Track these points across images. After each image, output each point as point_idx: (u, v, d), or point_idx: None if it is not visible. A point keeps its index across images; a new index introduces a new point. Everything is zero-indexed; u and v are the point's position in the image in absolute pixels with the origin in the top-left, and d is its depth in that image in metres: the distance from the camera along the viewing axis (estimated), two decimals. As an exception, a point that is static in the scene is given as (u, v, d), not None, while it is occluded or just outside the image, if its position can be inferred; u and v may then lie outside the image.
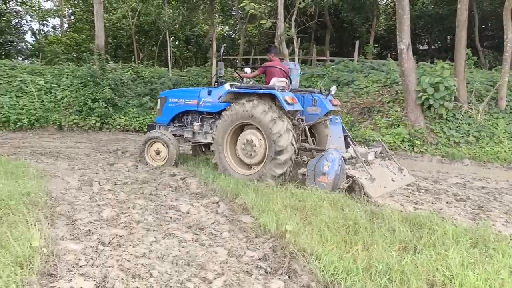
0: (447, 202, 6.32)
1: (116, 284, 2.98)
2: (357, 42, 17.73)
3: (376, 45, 20.97)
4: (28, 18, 33.99)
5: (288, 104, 6.53)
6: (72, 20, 33.93)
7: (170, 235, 4.14)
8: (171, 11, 21.35)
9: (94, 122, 13.96)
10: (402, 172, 6.68)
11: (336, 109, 7.51)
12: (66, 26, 34.49)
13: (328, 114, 7.25)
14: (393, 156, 7.07)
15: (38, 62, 19.14)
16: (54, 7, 34.35)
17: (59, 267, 3.28)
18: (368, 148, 7.01)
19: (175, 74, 17.61)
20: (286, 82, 7.43)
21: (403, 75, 11.45)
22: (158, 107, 8.81)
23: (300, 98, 7.35)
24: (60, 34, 32.26)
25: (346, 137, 7.00)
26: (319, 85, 8.45)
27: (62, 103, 14.53)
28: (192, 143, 8.60)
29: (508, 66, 11.76)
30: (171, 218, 4.73)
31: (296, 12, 13.51)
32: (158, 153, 8.02)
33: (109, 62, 15.81)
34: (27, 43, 33.01)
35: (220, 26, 31.53)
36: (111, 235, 4.05)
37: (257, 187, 5.73)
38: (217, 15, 18.56)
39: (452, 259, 3.35)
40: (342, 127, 6.76)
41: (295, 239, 3.76)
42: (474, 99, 11.97)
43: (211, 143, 7.50)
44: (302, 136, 7.13)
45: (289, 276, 3.31)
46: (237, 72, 8.16)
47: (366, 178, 5.81)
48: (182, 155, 8.62)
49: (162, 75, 16.85)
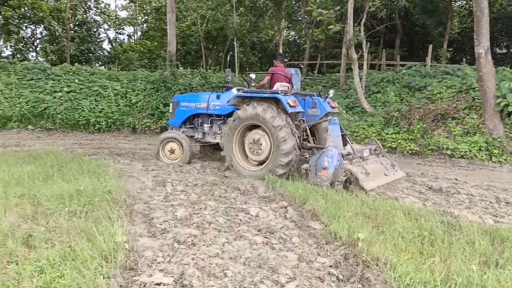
0: (530, 216, 5.89)
1: (193, 281, 3.09)
2: (430, 46, 17.03)
3: (450, 49, 20.02)
4: (105, 27, 36.25)
5: (291, 106, 7.24)
6: (144, 28, 35.66)
7: (241, 237, 4.22)
8: (239, 18, 21.80)
9: (165, 125, 14.54)
10: (394, 168, 7.53)
11: (334, 110, 8.28)
12: (139, 34, 36.37)
13: (327, 115, 8.05)
14: (386, 153, 7.94)
15: (115, 68, 20.31)
16: (128, 16, 36.30)
17: (139, 262, 3.46)
18: (364, 146, 7.91)
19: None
20: (288, 87, 8.33)
21: (481, 80, 10.84)
22: (170, 110, 9.51)
23: (301, 101, 8.11)
24: (134, 42, 34.03)
25: (343, 136, 7.62)
26: (317, 89, 9.24)
27: (136, 107, 15.32)
28: (201, 143, 9.31)
29: None
30: (241, 220, 4.82)
31: (365, 16, 13.25)
32: (172, 151, 8.82)
33: (179, 68, 16.44)
34: (104, 51, 35.19)
35: (285, 31, 31.71)
36: (185, 234, 4.20)
37: (326, 193, 5.69)
38: (283, 21, 18.64)
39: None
40: (340, 126, 7.43)
41: (367, 248, 3.69)
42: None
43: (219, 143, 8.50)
44: (303, 136, 7.98)
45: (362, 285, 3.26)
46: (254, 81, 8.67)
47: (361, 173, 6.53)
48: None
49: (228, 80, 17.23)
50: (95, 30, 35.23)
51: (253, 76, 8.48)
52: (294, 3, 19.59)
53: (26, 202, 4.88)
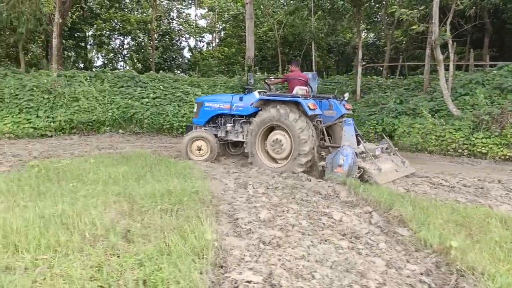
0: None
1: (281, 281, 3.15)
2: (523, 44, 15.76)
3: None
4: (186, 36, 37.94)
5: (310, 109, 7.93)
6: (222, 35, 36.79)
7: (326, 240, 4.21)
8: (317, 22, 21.74)
9: (244, 129, 14.88)
10: (404, 164, 8.22)
11: (349, 112, 8.99)
12: (217, 41, 37.59)
13: (342, 116, 8.74)
14: (397, 151, 8.58)
15: (195, 74, 21.14)
16: (207, 25, 37.66)
17: (228, 260, 3.59)
18: (376, 145, 8.67)
19: (320, 83, 17.81)
20: (307, 90, 9.00)
21: None
22: (195, 110, 10.14)
23: (318, 103, 8.59)
24: (212, 49, 35.23)
25: (357, 135, 8.28)
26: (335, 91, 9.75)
27: (216, 111, 15.83)
28: (223, 141, 9.83)
29: None
30: (324, 224, 4.81)
31: (452, 14, 12.58)
32: (200, 149, 9.40)
33: (257, 73, 16.72)
34: (185, 58, 36.83)
35: (364, 33, 31.07)
36: (270, 236, 4.28)
37: (413, 199, 5.50)
38: (362, 22, 18.28)
39: None
40: (354, 127, 8.10)
41: (462, 256, 3.51)
42: None
43: (241, 141, 9.47)
44: (320, 135, 8.59)
45: (457, 295, 3.12)
46: (265, 80, 9.87)
47: (374, 169, 7.26)
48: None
49: (306, 84, 17.21)
50: (177, 39, 37.03)
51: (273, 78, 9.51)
52: (374, 4, 19.12)
53: (123, 200, 5.26)
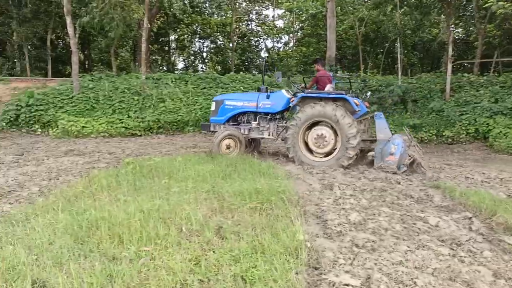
0: None
1: (381, 286, 3.04)
2: None
3: None
4: (264, 37, 38.34)
5: (356, 106, 8.59)
6: (299, 35, 36.65)
7: (424, 246, 4.00)
8: (402, 17, 20.87)
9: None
10: (422, 154, 8.88)
11: (370, 109, 9.80)
12: (293, 41, 37.54)
13: (366, 114, 9.42)
14: (416, 143, 9.08)
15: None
16: (285, 25, 37.70)
17: (322, 262, 3.53)
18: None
19: (405, 81, 17.10)
20: (333, 87, 9.52)
21: None
22: (213, 109, 10.25)
23: None
24: (289, 49, 35.23)
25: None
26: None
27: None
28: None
29: None
30: (419, 229, 4.57)
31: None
32: (228, 147, 9.49)
33: (337, 72, 16.42)
34: (262, 59, 37.22)
35: (451, 28, 29.24)
36: (363, 239, 4.16)
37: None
38: (452, 17, 17.16)
39: None
40: (385, 120, 8.65)
41: None
42: None
43: (254, 139, 10.21)
44: None
45: None
46: (299, 84, 10.18)
47: (419, 157, 8.10)
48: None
49: (390, 83, 16.59)
50: (255, 40, 37.57)
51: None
52: (465, -4, 17.96)
53: (212, 197, 5.41)
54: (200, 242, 3.86)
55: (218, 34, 35.70)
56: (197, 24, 33.79)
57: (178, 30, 35.18)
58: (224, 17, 35.66)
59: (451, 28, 16.45)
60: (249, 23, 37.92)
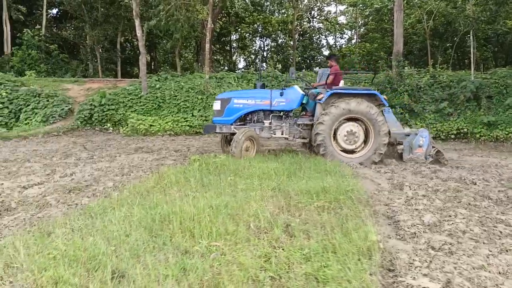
0: None
1: (463, 292, 2.86)
2: None
3: None
4: (326, 33, 37.87)
5: (387, 102, 8.93)
6: (362, 31, 35.80)
7: (507, 251, 3.72)
8: (474, 8, 19.72)
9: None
10: None
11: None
12: (355, 37, 36.73)
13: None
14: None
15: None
16: (348, 21, 36.99)
17: (397, 264, 3.39)
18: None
19: (478, 77, 16.12)
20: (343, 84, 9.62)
21: None
22: (217, 108, 9.31)
23: None
24: (352, 45, 34.51)
25: None
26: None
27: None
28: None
29: None
30: (501, 232, 4.26)
31: None
32: (247, 149, 8.83)
33: (405, 68, 15.82)
34: (324, 56, 36.77)
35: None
36: (439, 241, 3.95)
37: None
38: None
39: None
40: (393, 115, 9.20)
41: None
42: None
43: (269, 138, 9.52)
44: None
45: None
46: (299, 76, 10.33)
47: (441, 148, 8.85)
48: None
49: (462, 78, 15.71)
50: (317, 37, 37.20)
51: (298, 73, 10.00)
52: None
53: (279, 195, 5.39)
54: (268, 239, 3.85)
55: (279, 32, 35.74)
56: (258, 23, 34.04)
57: (239, 30, 35.65)
58: (285, 15, 35.65)
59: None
60: (310, 20, 37.62)
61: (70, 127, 16.05)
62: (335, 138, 8.85)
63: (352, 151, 8.88)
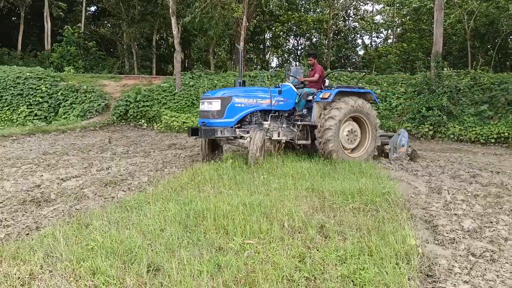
0: None
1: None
2: None
3: None
4: (361, 33, 37.31)
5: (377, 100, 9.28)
6: (398, 31, 35.05)
7: (555, 261, 3.54)
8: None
9: (427, 130, 13.85)
10: None
11: None
12: (392, 37, 35.99)
13: None
14: None
15: (371, 72, 20.50)
16: (385, 20, 36.30)
17: (436, 270, 3.28)
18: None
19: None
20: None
21: None
22: (216, 108, 7.78)
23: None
24: (389, 45, 33.82)
25: None
26: None
27: (396, 110, 15.11)
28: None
29: None
30: (547, 241, 4.07)
31: None
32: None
33: (444, 69, 15.38)
34: (359, 56, 36.25)
35: None
36: (480, 248, 3.80)
37: None
38: None
39: None
40: None
41: None
42: None
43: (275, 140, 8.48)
44: None
45: None
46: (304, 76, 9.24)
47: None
48: None
49: (504, 81, 15.12)
50: (352, 36, 36.70)
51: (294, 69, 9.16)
52: None
53: (313, 195, 5.33)
54: (303, 239, 3.80)
55: (313, 31, 35.46)
56: (293, 22, 33.88)
57: (273, 28, 35.58)
58: (320, 13, 35.32)
59: None
60: (346, 19, 37.15)
61: (106, 122, 16.44)
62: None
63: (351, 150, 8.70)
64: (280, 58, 41.19)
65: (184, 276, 2.95)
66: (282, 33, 36.84)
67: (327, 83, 9.39)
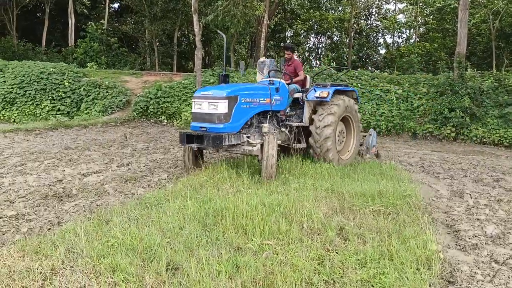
0: None
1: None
2: None
3: None
4: (383, 32, 36.82)
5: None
6: (421, 31, 34.48)
7: None
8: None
9: (449, 131, 13.59)
10: None
11: None
12: (414, 37, 35.43)
13: None
14: None
15: (393, 72, 20.20)
16: (407, 19, 35.76)
17: (458, 276, 3.22)
18: None
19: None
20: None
21: None
22: (222, 111, 6.40)
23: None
24: (411, 45, 33.29)
25: None
26: None
27: (418, 111, 14.86)
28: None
29: None
30: None
31: None
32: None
33: (467, 70, 15.06)
34: (380, 55, 35.81)
35: None
36: (503, 254, 3.73)
37: None
38: None
39: None
40: None
41: None
42: None
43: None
44: None
45: None
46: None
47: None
48: None
49: (530, 82, 14.73)
50: (374, 35, 36.27)
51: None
52: None
53: (332, 196, 5.28)
54: (322, 241, 3.78)
55: (335, 29, 35.16)
56: (314, 20, 33.65)
57: (294, 26, 35.42)
58: (342, 12, 35.00)
59: None
60: (368, 18, 36.75)
61: (127, 118, 16.62)
62: None
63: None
64: (300, 57, 40.99)
65: (202, 276, 2.96)
66: (303, 31, 36.63)
67: (309, 79, 8.59)
